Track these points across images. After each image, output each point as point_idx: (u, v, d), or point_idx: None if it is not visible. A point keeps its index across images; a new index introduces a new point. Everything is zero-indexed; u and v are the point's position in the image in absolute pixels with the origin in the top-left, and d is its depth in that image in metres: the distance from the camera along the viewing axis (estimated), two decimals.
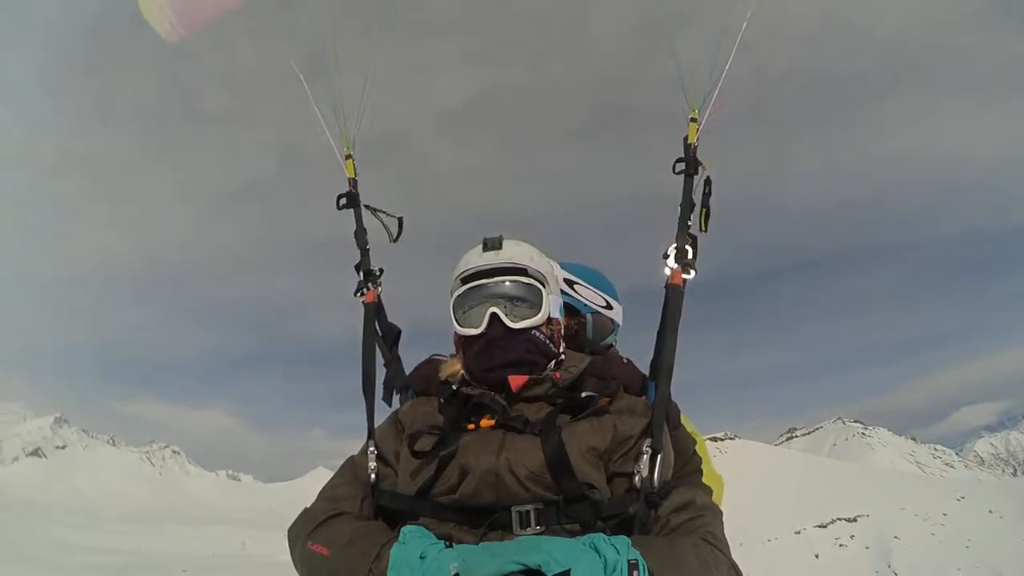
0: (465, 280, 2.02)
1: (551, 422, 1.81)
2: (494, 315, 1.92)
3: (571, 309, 2.48)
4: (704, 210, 2.20)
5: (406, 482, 1.84)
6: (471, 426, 1.86)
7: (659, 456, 1.80)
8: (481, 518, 1.70)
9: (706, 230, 2.20)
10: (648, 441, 1.82)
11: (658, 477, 1.79)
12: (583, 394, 1.93)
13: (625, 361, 2.35)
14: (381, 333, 2.44)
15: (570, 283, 2.55)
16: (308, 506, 1.93)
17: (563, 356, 2.08)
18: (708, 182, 2.23)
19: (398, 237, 2.59)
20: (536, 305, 1.97)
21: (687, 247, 2.15)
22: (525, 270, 1.99)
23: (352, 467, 2.02)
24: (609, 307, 2.64)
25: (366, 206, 2.59)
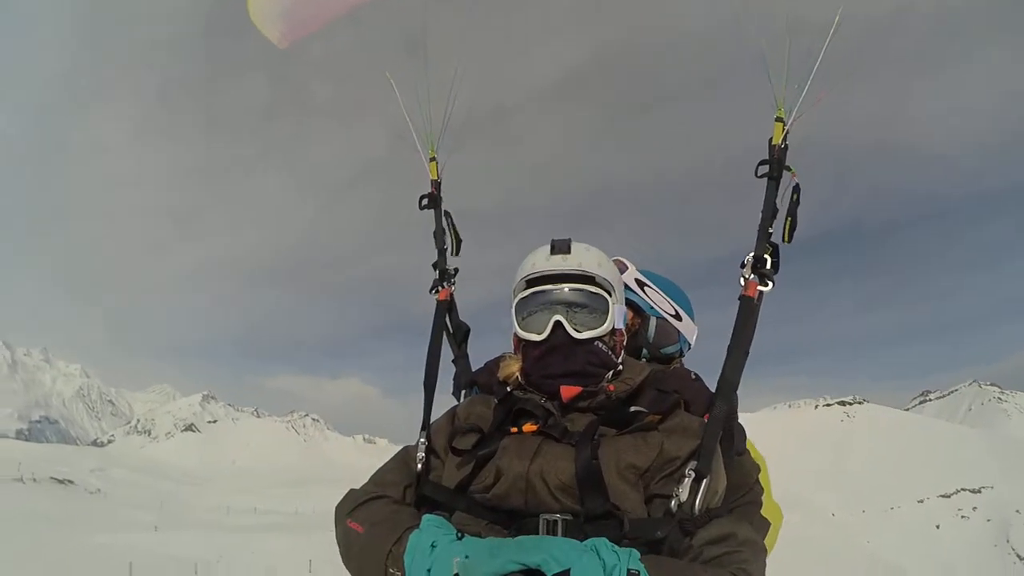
0: (530, 283, 1.94)
1: (590, 434, 1.75)
2: (558, 323, 1.86)
3: (635, 308, 2.43)
4: (789, 219, 2.07)
5: (450, 476, 1.87)
6: (514, 429, 1.83)
7: (704, 481, 1.68)
8: (512, 520, 1.70)
9: (790, 240, 2.07)
10: (694, 464, 1.70)
11: (700, 503, 1.66)
12: (632, 408, 1.85)
13: (693, 376, 2.16)
14: (452, 330, 2.48)
15: (641, 284, 2.48)
16: (356, 487, 1.99)
17: (622, 367, 1.99)
18: (796, 189, 2.09)
19: (457, 252, 2.60)
20: (601, 315, 1.90)
21: (766, 256, 2.03)
22: (593, 278, 1.90)
23: (404, 455, 2.06)
24: (678, 317, 2.49)
25: (446, 212, 2.61)
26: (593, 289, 1.91)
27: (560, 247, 1.94)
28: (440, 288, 2.51)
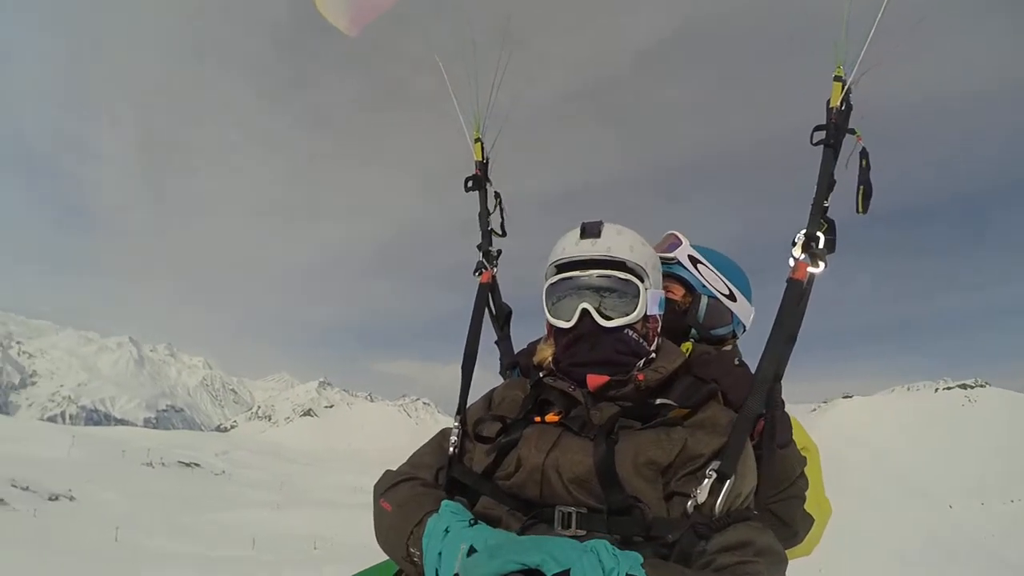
0: (559, 268, 1.91)
1: (609, 428, 1.73)
2: (585, 311, 1.82)
3: (687, 286, 2.38)
4: (862, 188, 1.91)
5: (479, 461, 1.89)
6: (538, 419, 1.83)
7: (728, 482, 1.61)
8: (531, 509, 1.71)
9: (865, 211, 1.92)
10: (717, 464, 1.63)
11: (721, 506, 1.60)
12: (658, 401, 1.80)
13: (737, 363, 2.07)
14: (495, 312, 2.48)
15: (694, 261, 2.39)
16: (393, 469, 2.01)
17: (654, 354, 1.94)
18: (864, 154, 1.93)
19: (503, 234, 2.59)
20: (632, 302, 1.84)
21: (819, 234, 1.89)
22: (623, 263, 1.84)
23: (440, 438, 2.06)
24: (732, 298, 2.39)
25: (496, 194, 2.56)
26: (623, 275, 1.85)
27: (590, 231, 1.88)
28: (483, 270, 2.50)
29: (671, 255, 2.43)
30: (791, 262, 1.91)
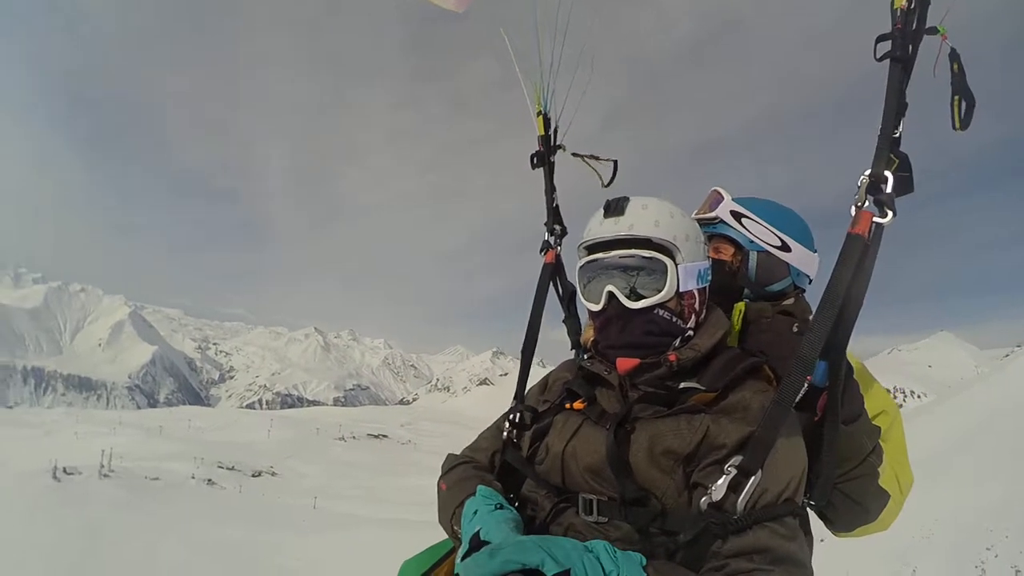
0: (587, 250, 1.83)
1: (623, 416, 1.69)
2: (611, 293, 1.74)
3: (735, 244, 2.21)
4: (958, 98, 1.55)
5: (524, 446, 1.92)
6: (568, 405, 1.83)
7: (753, 479, 1.44)
8: (561, 494, 1.73)
9: (965, 126, 1.55)
10: (739, 458, 1.48)
11: (744, 504, 1.44)
12: (682, 384, 1.70)
13: (795, 329, 1.91)
14: (560, 291, 2.38)
15: (738, 216, 2.20)
16: (455, 452, 2.09)
17: (692, 332, 1.80)
18: (954, 56, 1.57)
19: (611, 181, 2.36)
20: (660, 280, 1.71)
21: (887, 173, 1.50)
22: (648, 240, 1.72)
23: (501, 421, 2.06)
24: (785, 248, 2.16)
25: (574, 154, 2.41)
26: (648, 253, 1.73)
27: (613, 208, 1.79)
28: (548, 249, 2.36)
29: (712, 215, 2.25)
30: (852, 211, 1.54)
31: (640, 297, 1.73)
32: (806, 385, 1.59)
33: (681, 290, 1.75)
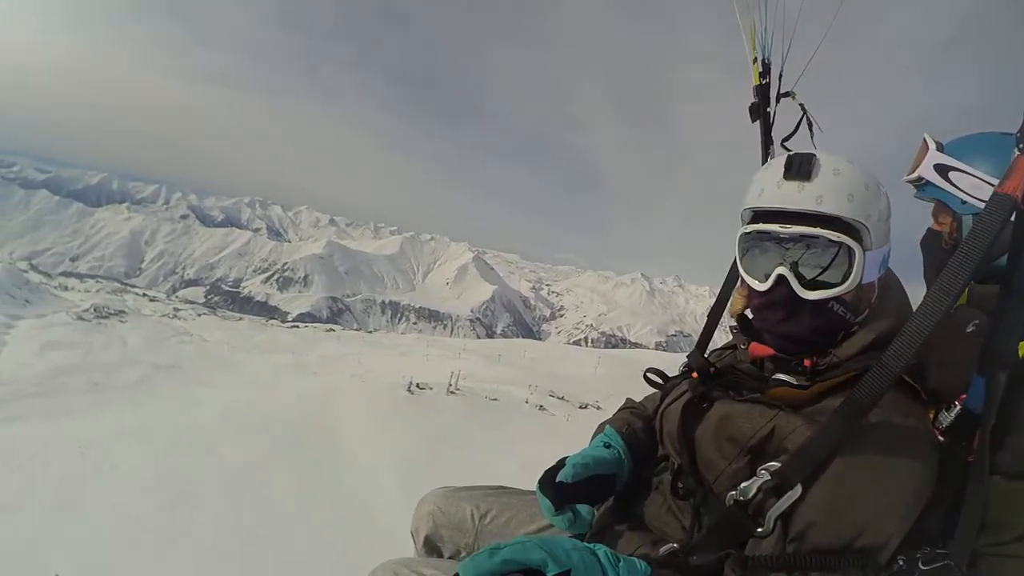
0: (756, 216, 1.49)
1: (702, 394, 1.57)
2: (781, 278, 1.42)
3: (942, 207, 1.76)
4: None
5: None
6: (695, 375, 1.65)
7: (787, 495, 1.24)
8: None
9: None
10: (776, 466, 1.29)
11: (774, 521, 1.26)
12: (776, 375, 1.47)
13: (971, 329, 1.48)
14: None
15: (944, 170, 1.73)
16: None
17: (857, 326, 1.46)
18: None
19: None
20: (842, 269, 1.39)
21: None
22: (837, 219, 1.37)
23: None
24: None
25: (801, 104, 2.06)
26: (835, 236, 1.37)
27: (798, 168, 1.39)
28: None
29: (916, 176, 1.79)
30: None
31: (817, 287, 1.41)
32: (958, 407, 1.36)
33: (864, 281, 1.42)
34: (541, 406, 15.03)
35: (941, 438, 1.37)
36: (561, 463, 1.65)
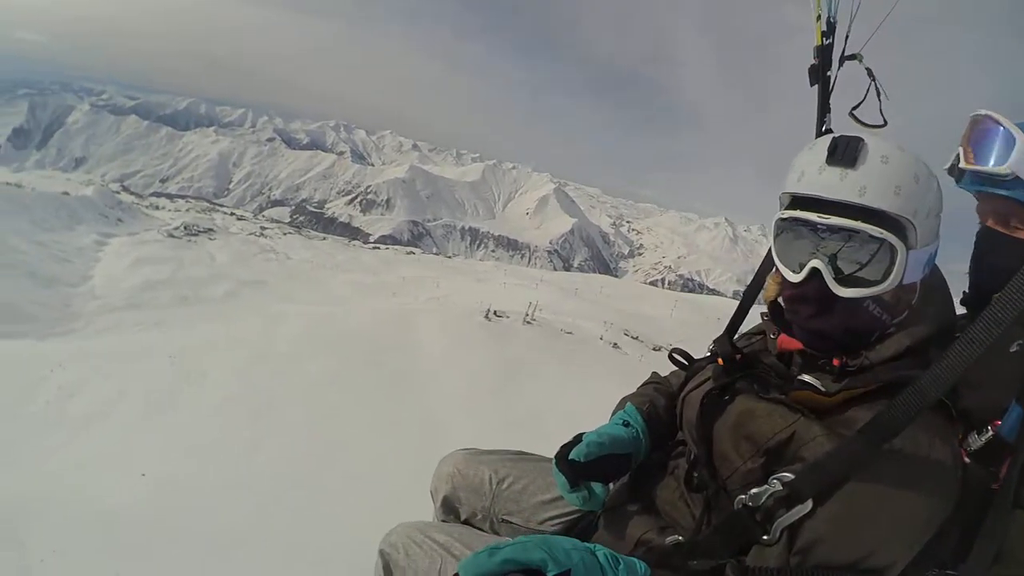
0: (794, 202, 1.40)
1: (723, 386, 1.51)
2: (815, 271, 1.34)
3: (1013, 206, 1.47)
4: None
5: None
6: (719, 360, 1.58)
7: (798, 508, 1.20)
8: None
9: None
10: (788, 475, 1.24)
11: (781, 532, 1.22)
12: (802, 376, 1.41)
13: (1015, 348, 1.37)
14: None
15: None
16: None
17: (893, 328, 1.38)
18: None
19: (884, 124, 1.86)
20: (883, 267, 1.30)
21: None
22: (881, 214, 1.27)
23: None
24: None
25: (867, 68, 1.92)
26: (877, 232, 1.26)
27: (842, 153, 1.28)
28: None
29: (1002, 169, 1.42)
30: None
31: (852, 283, 1.32)
32: (990, 433, 1.30)
33: (905, 281, 1.32)
34: (615, 344, 14.88)
35: (967, 459, 1.30)
36: (578, 438, 1.64)
